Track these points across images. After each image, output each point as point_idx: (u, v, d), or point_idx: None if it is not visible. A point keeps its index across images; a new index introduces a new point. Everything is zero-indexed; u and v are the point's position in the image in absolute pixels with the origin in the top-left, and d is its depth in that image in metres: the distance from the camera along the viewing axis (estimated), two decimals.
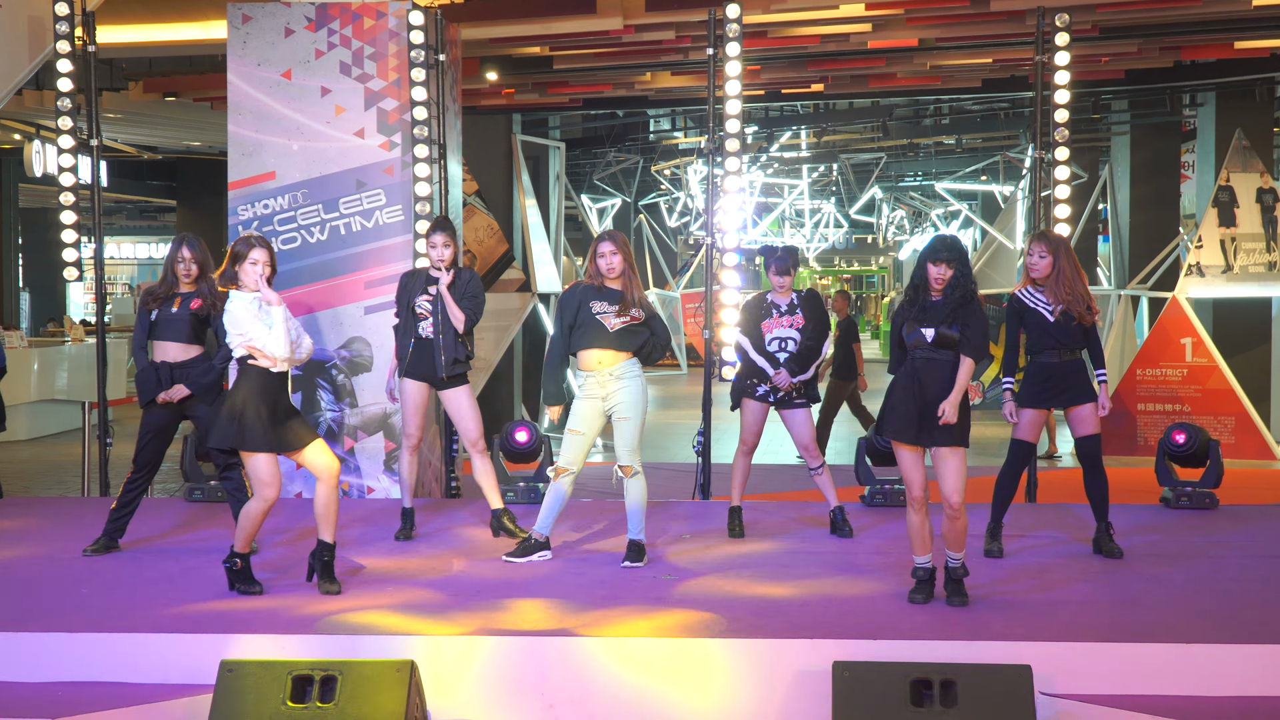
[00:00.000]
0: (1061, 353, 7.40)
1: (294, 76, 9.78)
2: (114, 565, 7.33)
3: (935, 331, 6.30)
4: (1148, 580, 6.95)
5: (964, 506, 6.36)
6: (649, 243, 30.06)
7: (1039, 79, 9.78)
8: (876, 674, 5.34)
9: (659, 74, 15.23)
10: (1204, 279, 15.47)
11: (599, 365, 7.20)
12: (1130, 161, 19.31)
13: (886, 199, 35.90)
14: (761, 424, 8.04)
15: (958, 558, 6.43)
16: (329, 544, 6.60)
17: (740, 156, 9.71)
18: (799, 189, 31.79)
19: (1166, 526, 8.47)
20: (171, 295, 7.52)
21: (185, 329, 7.47)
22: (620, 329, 7.18)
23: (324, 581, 6.59)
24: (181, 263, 7.51)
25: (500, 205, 16.09)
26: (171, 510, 9.06)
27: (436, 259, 7.87)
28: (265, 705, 5.28)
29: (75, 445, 13.95)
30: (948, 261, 6.34)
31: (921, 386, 6.31)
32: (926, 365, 6.32)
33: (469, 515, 8.85)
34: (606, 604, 6.40)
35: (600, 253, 7.24)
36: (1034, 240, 7.52)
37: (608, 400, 7.22)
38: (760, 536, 8.12)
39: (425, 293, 7.90)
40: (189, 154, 23.95)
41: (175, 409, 7.53)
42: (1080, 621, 6.10)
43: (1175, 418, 14.91)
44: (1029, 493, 9.56)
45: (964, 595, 6.40)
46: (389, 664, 5.42)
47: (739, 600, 6.50)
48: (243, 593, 6.56)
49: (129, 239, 41.94)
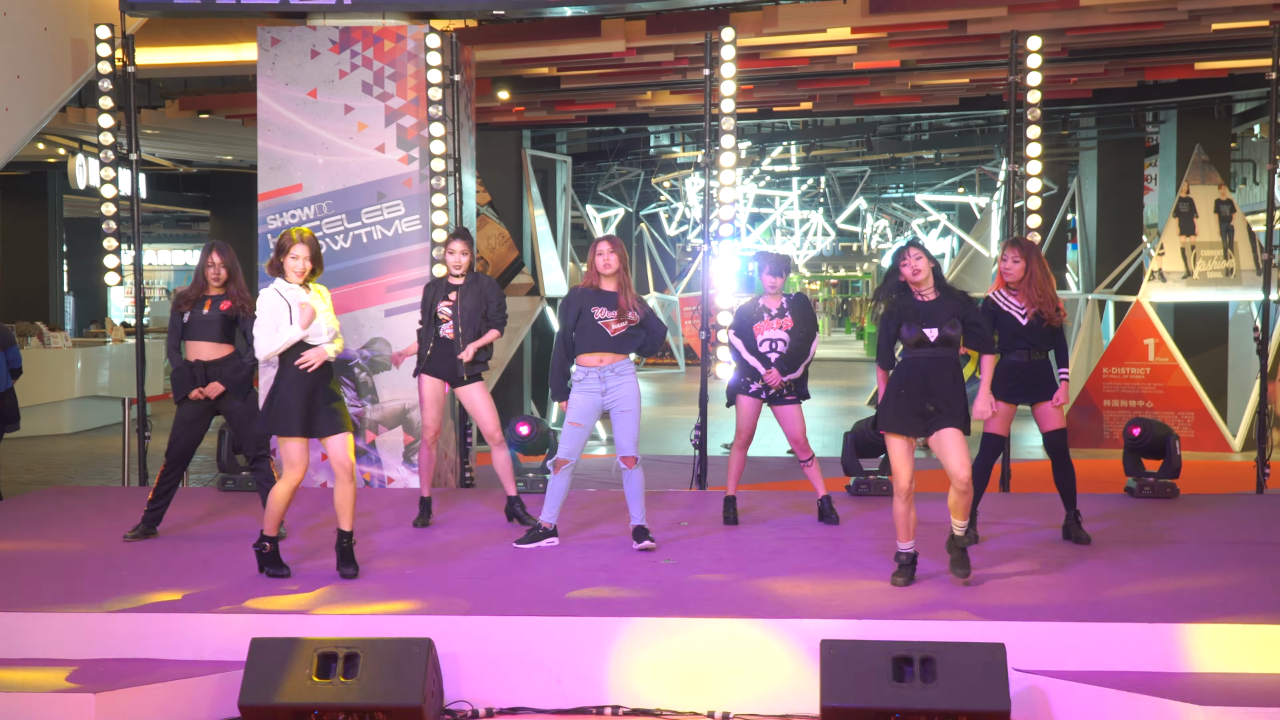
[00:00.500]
0: (1031, 352, 7.40)
1: (319, 95, 9.78)
2: (153, 550, 7.33)
3: (939, 331, 6.28)
4: (1114, 564, 6.94)
5: (971, 480, 6.34)
6: (650, 250, 30.05)
7: (1012, 98, 9.78)
8: (861, 651, 5.34)
9: (659, 93, 15.24)
10: (1166, 284, 15.47)
11: (599, 363, 7.20)
12: (1097, 174, 19.31)
13: (871, 209, 35.94)
14: (755, 419, 8.03)
15: (963, 524, 6.41)
16: (346, 532, 6.60)
17: (734, 170, 9.71)
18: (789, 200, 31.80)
19: (1131, 514, 8.47)
20: (202, 298, 7.51)
21: (216, 329, 7.46)
22: (621, 334, 7.19)
23: (342, 565, 6.59)
24: (211, 267, 7.51)
25: (511, 215, 16.10)
26: (206, 499, 9.05)
27: (454, 264, 7.89)
28: (293, 680, 5.29)
29: (116, 439, 13.97)
30: (916, 255, 6.32)
31: (927, 383, 6.27)
32: (931, 363, 6.29)
33: (482, 504, 8.85)
34: (610, 586, 6.40)
35: (599, 250, 7.26)
36: (1008, 246, 7.51)
37: (607, 395, 7.21)
38: (753, 523, 8.12)
39: (445, 298, 7.91)
40: (221, 168, 23.95)
41: (207, 404, 7.52)
42: (1051, 602, 6.09)
43: (1139, 413, 14.92)
44: (1003, 482, 9.56)
45: (967, 566, 6.38)
46: (408, 642, 5.42)
47: (734, 582, 6.50)
48: (271, 575, 6.56)
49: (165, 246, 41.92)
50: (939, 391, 6.26)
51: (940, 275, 6.41)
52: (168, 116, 16.15)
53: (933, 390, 6.26)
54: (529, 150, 17.16)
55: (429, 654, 5.38)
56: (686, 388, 24.69)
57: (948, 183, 28.76)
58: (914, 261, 6.32)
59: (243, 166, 23.03)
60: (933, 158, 24.79)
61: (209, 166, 23.98)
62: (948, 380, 6.28)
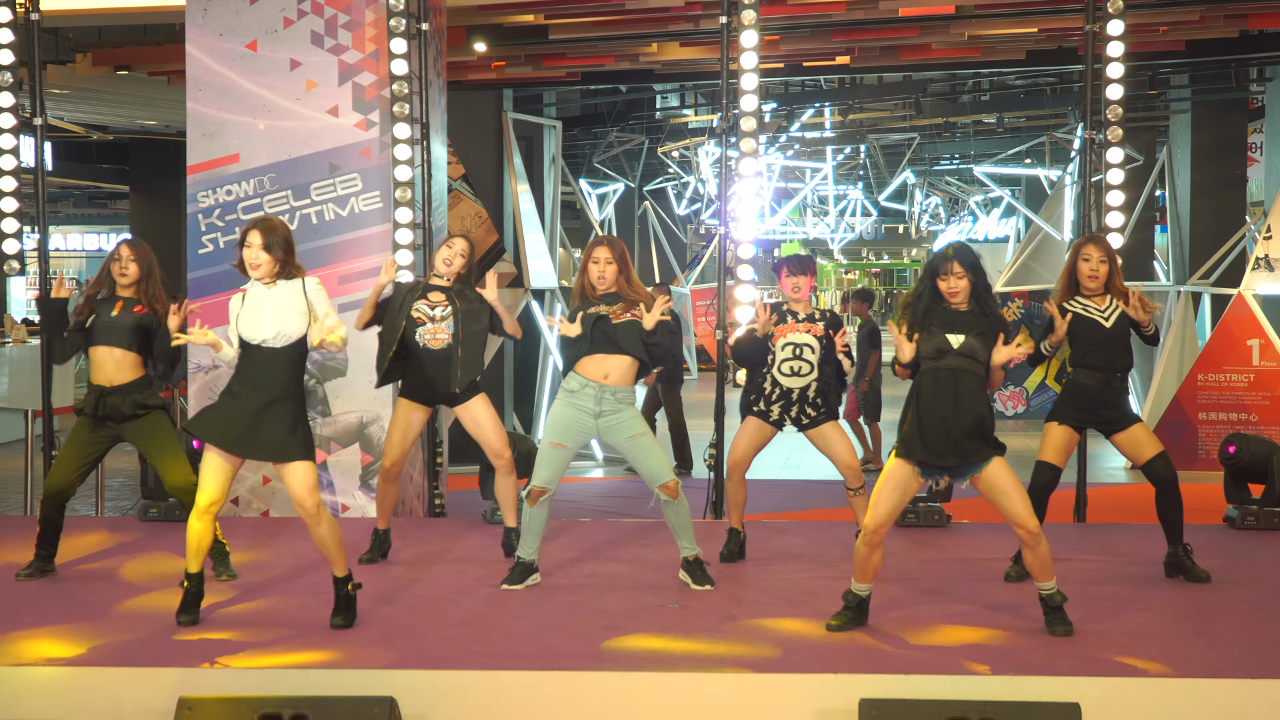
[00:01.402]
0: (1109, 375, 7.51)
1: (260, 48, 9.80)
2: (56, 592, 7.34)
3: (965, 339, 6.31)
4: (1209, 609, 6.95)
5: (1041, 530, 6.35)
6: (655, 233, 30.05)
7: (1089, 50, 9.79)
8: (908, 713, 5.34)
9: (666, 45, 15.24)
10: (1273, 273, 15.47)
11: (603, 379, 7.22)
12: (1191, 143, 19.32)
13: (920, 184, 35.91)
14: (755, 445, 8.04)
15: (1049, 588, 6.44)
16: (339, 578, 6.61)
17: (757, 137, 9.73)
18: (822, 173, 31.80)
19: (1230, 549, 8.49)
20: (113, 298, 7.58)
21: (124, 335, 7.49)
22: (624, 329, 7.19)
23: (333, 614, 6.60)
24: (117, 262, 7.57)
25: (489, 191, 16.10)
26: (124, 529, 9.07)
27: (445, 261, 7.96)
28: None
29: (16, 458, 13.98)
30: (959, 275, 6.36)
31: (958, 399, 6.29)
32: (956, 376, 6.32)
33: (454, 536, 8.86)
34: (608, 635, 6.41)
35: (594, 258, 7.31)
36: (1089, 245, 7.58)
37: (602, 419, 7.23)
38: (778, 560, 8.13)
39: (425, 297, 7.94)
40: (143, 134, 23.98)
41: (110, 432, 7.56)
42: (1134, 654, 6.10)
43: (1240, 428, 14.92)
44: (1078, 512, 9.57)
45: (1067, 624, 6.41)
46: (367, 701, 5.43)
47: (755, 631, 6.51)
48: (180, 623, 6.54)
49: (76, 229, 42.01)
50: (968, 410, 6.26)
51: (981, 291, 6.41)
52: (79, 73, 16.15)
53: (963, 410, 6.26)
54: (511, 114, 17.17)
55: (391, 715, 5.39)
56: (699, 398, 24.69)
57: (1012, 152, 28.76)
58: (955, 280, 6.36)
59: (169, 133, 23.06)
60: (994, 123, 24.79)
61: (128, 133, 24.02)
62: (975, 395, 6.30)
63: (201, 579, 6.62)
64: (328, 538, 6.52)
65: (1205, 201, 19.08)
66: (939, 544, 8.65)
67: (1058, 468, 7.60)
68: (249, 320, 6.44)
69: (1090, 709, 5.46)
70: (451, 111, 11.44)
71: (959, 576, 7.67)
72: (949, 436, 6.27)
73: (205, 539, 6.50)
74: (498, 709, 5.74)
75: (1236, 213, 19.10)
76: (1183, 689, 5.67)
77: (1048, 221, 21.82)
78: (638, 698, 5.73)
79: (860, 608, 6.55)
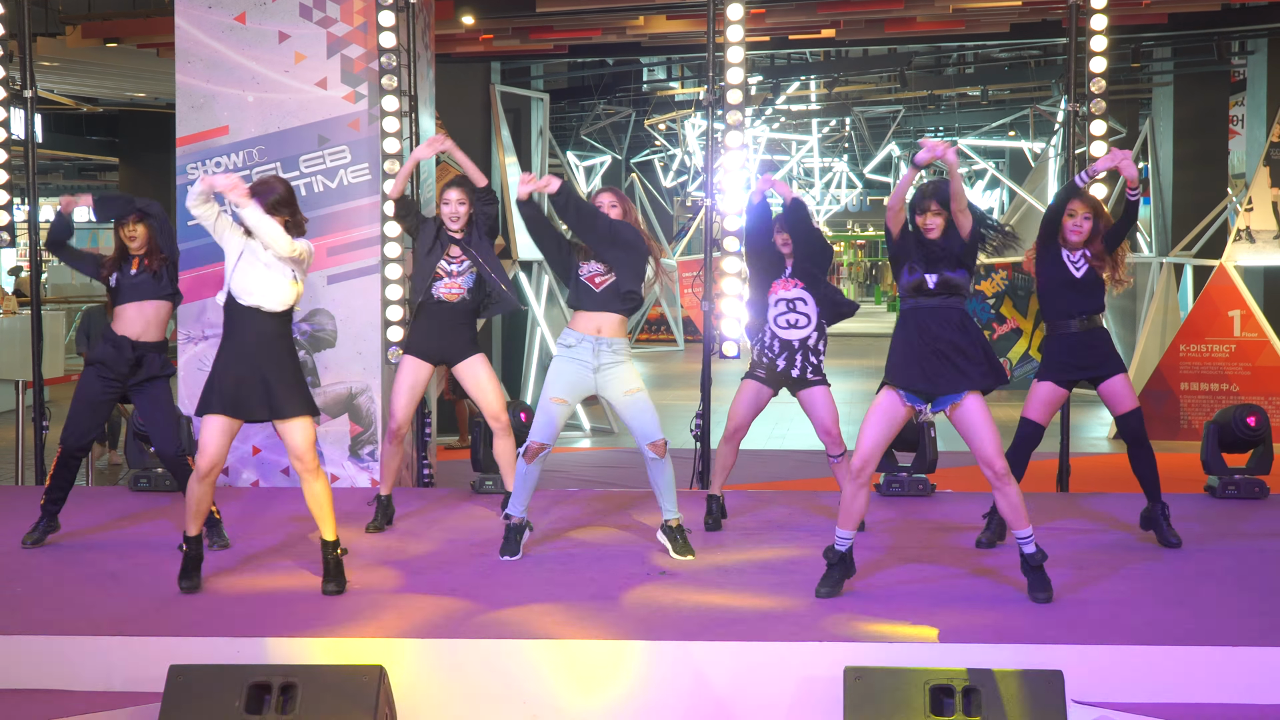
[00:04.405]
0: (1083, 319, 7.45)
1: (249, 20, 9.74)
2: (51, 561, 7.32)
3: (939, 277, 6.28)
4: (1191, 577, 6.96)
5: (1010, 472, 6.33)
6: (642, 205, 30.03)
7: (1073, 23, 9.76)
8: (892, 681, 5.35)
9: (653, 18, 15.19)
10: (1254, 245, 15.48)
11: (596, 333, 7.19)
12: (1173, 115, 19.31)
13: (904, 156, 35.88)
14: (754, 409, 7.96)
15: (1026, 535, 6.38)
16: (328, 541, 6.60)
17: (743, 109, 9.69)
18: (808, 145, 31.79)
19: (1212, 517, 8.49)
20: (128, 258, 7.54)
21: (148, 287, 7.48)
22: (606, 290, 7.17)
23: (325, 580, 6.59)
24: (124, 227, 7.53)
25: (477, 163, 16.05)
26: (115, 500, 9.05)
27: (450, 215, 7.91)
28: (219, 715, 5.28)
29: (7, 429, 13.95)
30: (935, 211, 6.31)
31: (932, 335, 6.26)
32: (932, 314, 6.29)
33: (444, 506, 8.86)
34: (594, 603, 6.41)
35: (599, 204, 7.28)
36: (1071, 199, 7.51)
37: (601, 373, 7.19)
38: (763, 530, 8.13)
39: (444, 253, 7.91)
40: (132, 106, 23.87)
41: (118, 388, 7.52)
42: (1117, 622, 6.11)
43: (1221, 398, 14.95)
44: (1060, 481, 9.58)
45: (1049, 590, 6.37)
46: (355, 669, 5.43)
47: (740, 600, 6.51)
48: (182, 590, 6.54)
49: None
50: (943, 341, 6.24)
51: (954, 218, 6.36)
52: (68, 46, 16.07)
53: (937, 341, 6.24)
54: (498, 86, 17.12)
55: (381, 684, 5.38)
56: (685, 368, 24.70)
57: (996, 125, 28.77)
58: (932, 217, 6.32)
59: (158, 106, 22.96)
60: (978, 95, 24.78)
61: (117, 105, 23.90)
62: (952, 329, 6.27)
63: (200, 542, 6.60)
64: (322, 496, 6.53)
65: (1187, 174, 19.08)
66: (923, 513, 8.64)
67: (1040, 425, 7.57)
68: (242, 278, 6.38)
69: (1073, 676, 5.47)
70: (440, 84, 11.38)
71: (943, 546, 7.67)
72: (920, 361, 6.26)
73: (205, 502, 6.50)
74: (487, 677, 5.74)
75: (1218, 185, 19.11)
76: (1164, 656, 5.68)
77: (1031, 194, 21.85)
78: (625, 666, 5.73)
79: (844, 561, 6.50)
